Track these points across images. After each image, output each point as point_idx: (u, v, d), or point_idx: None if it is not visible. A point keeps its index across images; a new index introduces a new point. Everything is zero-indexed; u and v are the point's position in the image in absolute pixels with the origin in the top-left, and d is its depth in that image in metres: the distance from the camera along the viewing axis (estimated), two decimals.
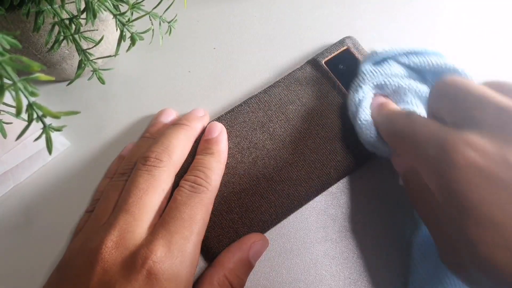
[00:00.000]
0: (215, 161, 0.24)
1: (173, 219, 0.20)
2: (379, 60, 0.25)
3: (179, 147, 0.24)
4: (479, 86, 0.19)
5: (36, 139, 0.17)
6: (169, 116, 0.27)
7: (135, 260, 0.19)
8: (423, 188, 0.20)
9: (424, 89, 0.24)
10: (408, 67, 0.25)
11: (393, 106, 0.24)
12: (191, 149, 0.25)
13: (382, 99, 0.25)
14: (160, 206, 0.22)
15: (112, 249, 0.19)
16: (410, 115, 0.21)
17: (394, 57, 0.25)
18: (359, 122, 0.24)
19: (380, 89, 0.25)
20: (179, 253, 0.20)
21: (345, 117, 0.25)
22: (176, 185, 0.23)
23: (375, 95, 0.25)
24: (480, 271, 0.16)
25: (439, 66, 0.24)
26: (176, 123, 0.25)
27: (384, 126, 0.23)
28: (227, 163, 0.25)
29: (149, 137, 0.26)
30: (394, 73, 0.25)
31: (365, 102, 0.24)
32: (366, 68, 0.25)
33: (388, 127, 0.22)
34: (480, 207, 0.16)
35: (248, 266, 0.23)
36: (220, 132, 0.25)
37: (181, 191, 0.22)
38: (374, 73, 0.25)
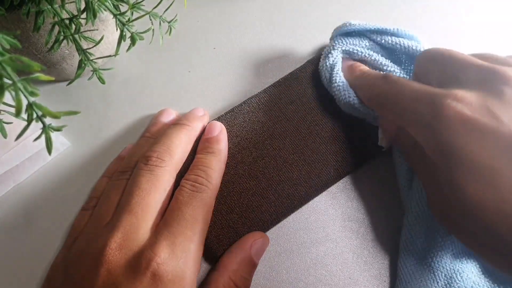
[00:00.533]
0: (215, 159, 0.24)
1: (176, 219, 0.20)
2: (351, 32, 0.26)
3: (180, 147, 0.24)
4: (462, 53, 0.21)
5: (36, 139, 0.17)
6: (169, 116, 0.27)
7: (139, 262, 0.19)
8: (413, 143, 0.22)
9: (392, 67, 0.25)
10: (380, 45, 0.26)
11: (363, 67, 0.25)
12: (192, 148, 0.25)
13: (351, 61, 0.26)
14: (162, 205, 0.22)
15: (116, 250, 0.19)
16: (387, 77, 0.22)
17: (367, 34, 0.26)
18: (335, 84, 0.24)
19: (349, 55, 0.26)
20: (182, 254, 0.20)
21: (346, 117, 0.25)
22: (177, 184, 0.23)
23: (343, 59, 0.26)
24: (466, 210, 0.17)
25: (411, 47, 0.24)
26: (177, 123, 0.25)
27: (362, 90, 0.24)
28: (227, 163, 0.25)
29: (150, 136, 0.26)
30: (364, 46, 0.26)
31: (337, 66, 0.25)
32: (337, 37, 0.26)
33: (368, 91, 0.23)
34: (466, 152, 0.17)
35: (251, 265, 0.23)
36: (220, 131, 0.25)
37: (182, 191, 0.22)
38: (344, 42, 0.26)
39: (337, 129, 0.25)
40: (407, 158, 0.23)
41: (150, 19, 0.23)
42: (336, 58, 0.25)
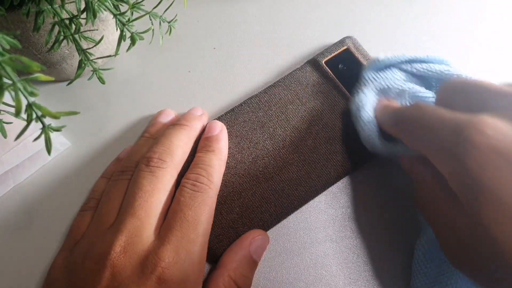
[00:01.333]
0: (216, 158, 0.24)
1: (178, 222, 0.20)
2: (382, 67, 0.25)
3: (180, 147, 0.24)
4: (489, 81, 0.19)
5: (36, 139, 0.17)
6: (168, 116, 0.27)
7: (144, 266, 0.19)
8: (431, 184, 0.20)
9: (428, 93, 0.24)
10: (411, 74, 0.25)
11: (398, 105, 0.24)
12: (191, 148, 0.25)
13: (386, 102, 0.24)
14: (164, 206, 0.22)
15: (121, 254, 0.19)
16: (418, 104, 0.21)
17: (397, 65, 0.25)
18: (361, 121, 0.24)
19: (384, 93, 0.25)
20: (186, 256, 0.20)
21: (345, 117, 0.25)
22: (178, 184, 0.23)
23: (379, 100, 0.25)
24: (493, 255, 0.16)
25: (443, 72, 0.24)
26: (176, 123, 0.25)
27: (390, 119, 0.22)
28: (227, 163, 0.25)
29: (149, 137, 0.26)
30: (397, 79, 0.25)
31: (367, 104, 0.24)
32: (369, 75, 0.25)
33: (396, 118, 0.22)
34: (497, 189, 0.15)
35: (251, 263, 0.22)
36: (220, 130, 0.25)
37: (183, 191, 0.22)
38: (377, 79, 0.25)
39: (337, 129, 0.25)
40: (418, 201, 0.21)
41: (150, 19, 0.23)
42: (368, 97, 0.25)
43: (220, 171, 0.24)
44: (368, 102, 0.24)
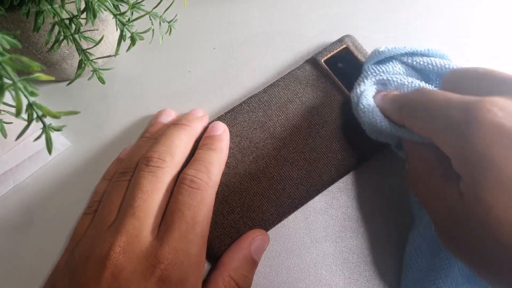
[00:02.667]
0: (216, 156, 0.24)
1: (177, 222, 0.20)
2: (382, 59, 0.25)
3: (180, 147, 0.24)
4: (496, 69, 0.19)
5: (36, 139, 0.17)
6: (169, 117, 0.27)
7: (144, 267, 0.19)
8: (429, 165, 0.20)
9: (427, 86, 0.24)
10: (411, 67, 0.25)
11: (397, 92, 0.24)
12: (191, 149, 0.25)
13: (386, 92, 0.24)
14: (164, 206, 0.22)
15: (120, 254, 0.19)
16: (423, 89, 0.21)
17: (397, 57, 0.25)
18: (361, 106, 0.24)
19: (383, 85, 0.25)
20: (185, 257, 0.20)
21: (346, 116, 0.25)
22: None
23: (377, 91, 0.25)
24: (489, 232, 0.16)
25: (444, 66, 0.24)
26: (177, 123, 0.25)
27: (393, 105, 0.22)
28: (227, 162, 0.25)
29: (149, 137, 0.26)
30: (397, 72, 0.25)
31: (367, 93, 0.24)
32: (369, 66, 0.25)
33: (400, 102, 0.22)
34: (503, 168, 0.15)
35: (251, 262, 0.22)
36: (223, 131, 0.25)
37: (181, 189, 0.22)
38: (377, 71, 0.25)
39: (337, 128, 0.25)
40: (414, 183, 0.21)
41: (150, 19, 0.23)
42: (367, 86, 0.25)
43: (219, 170, 0.24)
44: (367, 91, 0.24)
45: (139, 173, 0.22)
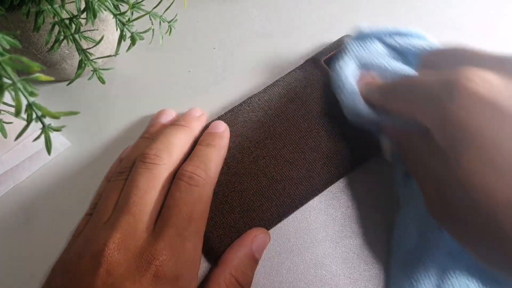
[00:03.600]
0: (215, 153, 0.24)
1: (173, 218, 0.20)
2: (364, 37, 0.26)
3: (178, 146, 0.24)
4: (474, 47, 0.19)
5: (36, 139, 0.18)
6: (168, 117, 0.27)
7: (139, 263, 0.19)
8: (416, 145, 0.21)
9: (408, 71, 0.24)
10: (393, 48, 0.26)
11: (382, 82, 0.24)
12: (189, 149, 0.25)
13: (370, 78, 0.25)
14: (160, 203, 0.22)
15: (115, 251, 0.19)
16: (405, 76, 0.22)
17: (379, 37, 0.26)
18: (344, 90, 0.24)
19: (366, 68, 0.25)
20: (180, 254, 0.20)
21: (345, 116, 0.25)
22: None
23: (361, 73, 0.25)
24: (471, 201, 0.16)
25: (422, 47, 0.24)
26: (175, 124, 0.25)
27: (376, 91, 0.23)
28: (228, 162, 0.25)
29: (149, 137, 0.26)
30: (380, 53, 0.25)
31: (349, 73, 0.25)
32: (352, 45, 0.26)
33: (383, 89, 0.22)
34: (480, 134, 0.16)
35: (253, 261, 0.22)
36: (224, 129, 0.25)
37: (179, 185, 0.21)
38: (359, 50, 0.25)
39: (337, 127, 0.25)
40: (405, 158, 0.22)
41: (150, 19, 0.23)
42: (347, 63, 0.25)
43: (218, 166, 0.24)
44: (349, 72, 0.25)
45: (136, 170, 0.22)
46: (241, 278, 0.21)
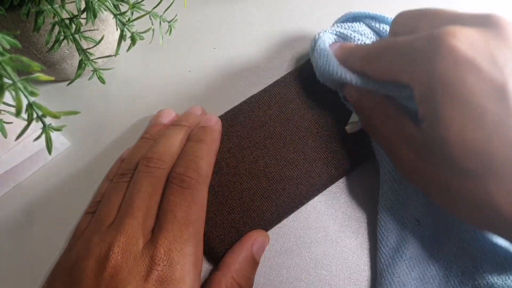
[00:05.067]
0: (206, 148, 0.23)
1: (169, 223, 0.20)
2: (350, 19, 0.26)
3: (180, 148, 0.24)
4: (444, 8, 0.20)
5: (36, 139, 0.18)
6: (169, 117, 0.27)
7: (142, 268, 0.19)
8: (382, 108, 0.22)
9: None
10: (377, 33, 0.26)
11: (358, 44, 0.25)
12: None
13: (342, 43, 0.25)
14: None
15: (119, 255, 0.19)
16: (383, 38, 0.23)
17: (366, 21, 0.26)
18: (318, 50, 0.24)
19: (343, 39, 0.26)
20: (181, 257, 0.20)
21: (346, 115, 0.25)
22: None
23: (336, 41, 0.26)
24: (447, 149, 0.17)
25: None
26: (176, 124, 0.25)
27: (353, 53, 0.23)
28: (228, 162, 0.25)
29: (149, 138, 0.26)
30: (362, 32, 0.26)
31: (324, 38, 0.25)
32: (336, 23, 0.27)
33: (361, 51, 0.22)
34: (459, 88, 0.17)
35: (253, 263, 0.23)
36: (216, 122, 0.25)
37: (172, 189, 0.21)
38: (341, 26, 0.26)
39: (337, 127, 0.25)
40: (370, 127, 0.23)
41: (150, 19, 0.23)
42: (326, 34, 0.25)
43: (210, 163, 0.23)
44: (327, 39, 0.25)
45: (139, 174, 0.22)
46: (242, 282, 0.22)
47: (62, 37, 0.21)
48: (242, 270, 0.22)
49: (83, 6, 0.20)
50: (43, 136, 0.17)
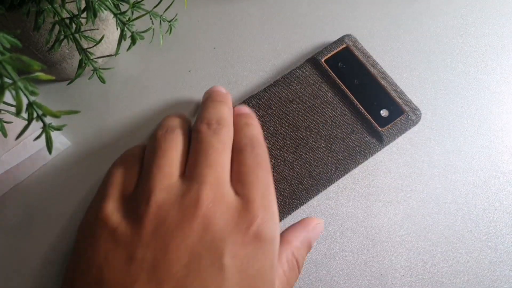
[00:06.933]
0: (257, 130, 0.23)
1: (255, 182, 0.20)
2: None
3: (230, 116, 0.23)
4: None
5: (36, 138, 0.18)
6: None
7: (238, 221, 0.18)
8: None
9: None
10: None
11: None
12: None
13: None
14: (229, 165, 0.21)
15: (210, 204, 0.18)
16: None
17: None
18: None
19: None
20: (272, 215, 0.20)
21: (346, 115, 0.25)
22: None
23: None
24: None
25: None
26: (214, 99, 0.24)
27: None
28: None
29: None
30: None
31: None
32: None
33: None
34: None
35: (309, 247, 0.22)
36: (250, 110, 0.25)
37: (246, 152, 0.21)
38: None
39: (337, 127, 0.25)
40: None
41: (151, 19, 0.23)
42: None
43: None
44: None
45: (203, 134, 0.21)
46: (300, 261, 0.21)
47: (62, 37, 0.21)
48: (300, 250, 0.22)
49: (83, 5, 0.20)
50: (43, 135, 0.17)
